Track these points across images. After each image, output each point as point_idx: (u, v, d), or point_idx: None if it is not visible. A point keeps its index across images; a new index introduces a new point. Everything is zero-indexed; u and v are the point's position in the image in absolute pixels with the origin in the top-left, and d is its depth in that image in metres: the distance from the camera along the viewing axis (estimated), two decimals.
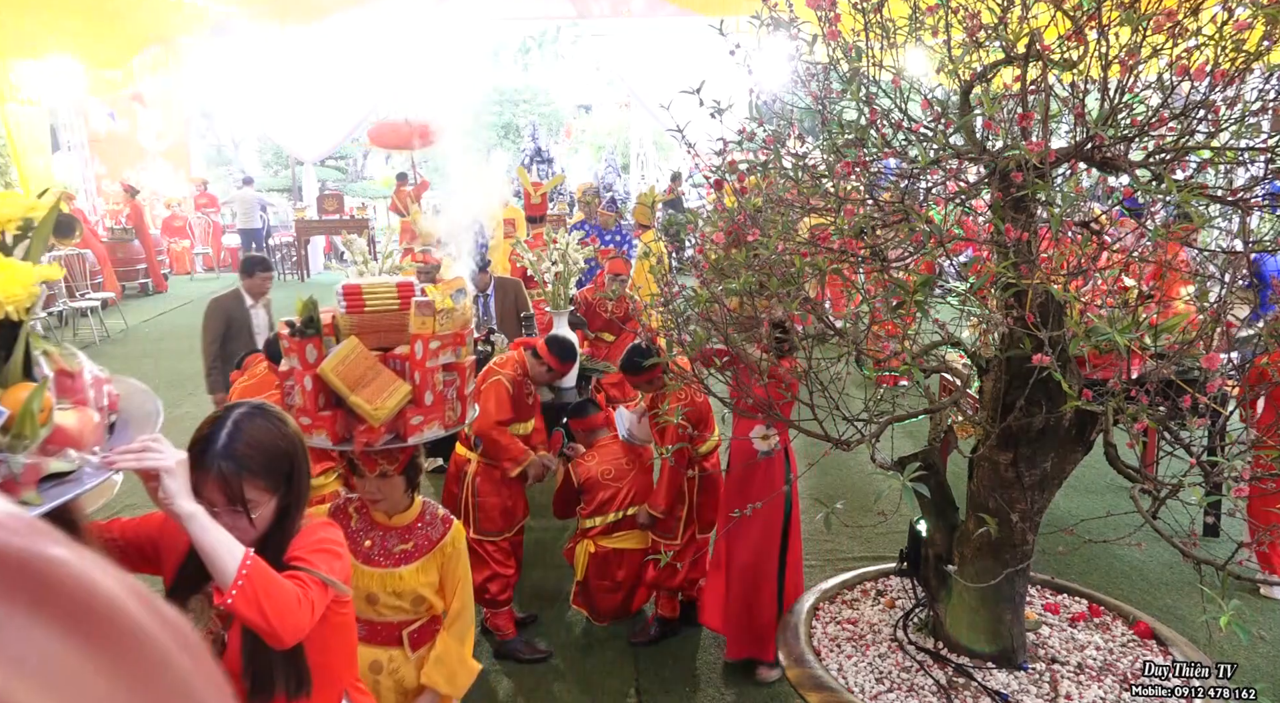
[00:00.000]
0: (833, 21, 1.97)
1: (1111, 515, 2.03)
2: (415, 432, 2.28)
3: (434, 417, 2.31)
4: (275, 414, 1.73)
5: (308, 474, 1.77)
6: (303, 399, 2.26)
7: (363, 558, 2.34)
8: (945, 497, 2.43)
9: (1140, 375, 1.84)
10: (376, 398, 2.20)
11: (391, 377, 2.28)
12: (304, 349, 2.26)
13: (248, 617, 1.46)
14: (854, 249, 2.00)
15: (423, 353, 2.30)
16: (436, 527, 2.43)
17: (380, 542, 2.37)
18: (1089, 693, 2.19)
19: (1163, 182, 1.68)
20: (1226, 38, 1.65)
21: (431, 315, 2.32)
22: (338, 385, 2.19)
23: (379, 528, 2.39)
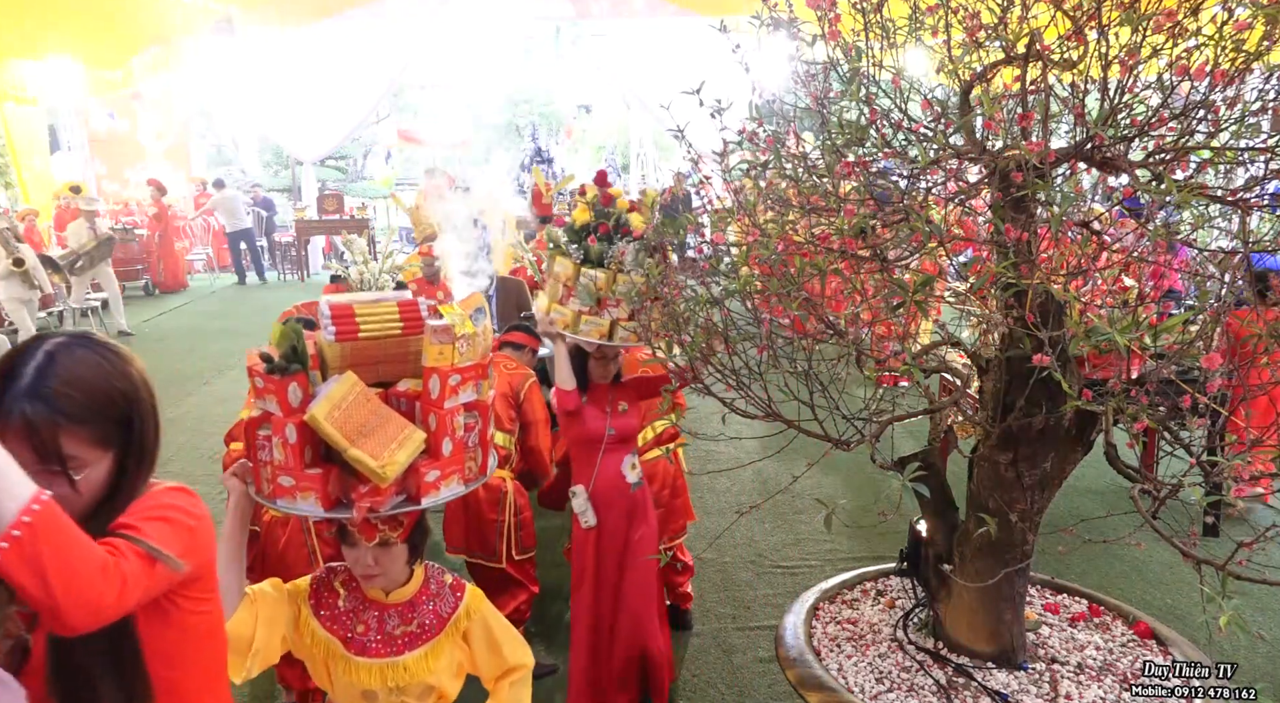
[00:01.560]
0: (833, 21, 1.98)
1: (1111, 515, 2.03)
2: (431, 490, 1.85)
3: (453, 470, 1.90)
4: (108, 347, 1.35)
5: (156, 427, 1.38)
6: (284, 454, 1.81)
7: (356, 648, 1.94)
8: (945, 497, 2.43)
9: (1140, 375, 1.84)
10: (383, 450, 1.78)
11: (401, 422, 1.86)
12: (285, 390, 1.80)
13: (20, 581, 1.06)
14: (854, 249, 2.00)
15: (440, 391, 1.88)
16: (446, 599, 2.03)
17: (377, 625, 1.96)
18: (1089, 693, 2.19)
19: (1163, 182, 1.68)
20: (1226, 38, 1.65)
21: (451, 343, 1.90)
22: (333, 437, 1.75)
23: (374, 608, 1.97)
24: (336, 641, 1.95)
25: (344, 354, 1.91)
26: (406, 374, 2.00)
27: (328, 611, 1.98)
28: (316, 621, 1.96)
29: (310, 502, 1.80)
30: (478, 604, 2.06)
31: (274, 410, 1.82)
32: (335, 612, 1.98)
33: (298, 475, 1.80)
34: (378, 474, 1.75)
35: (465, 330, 1.94)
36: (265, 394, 1.84)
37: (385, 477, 1.75)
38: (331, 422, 1.76)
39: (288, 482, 1.81)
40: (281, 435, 1.81)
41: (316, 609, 1.98)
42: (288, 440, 1.80)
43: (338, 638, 1.95)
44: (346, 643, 1.95)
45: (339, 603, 1.98)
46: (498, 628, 2.07)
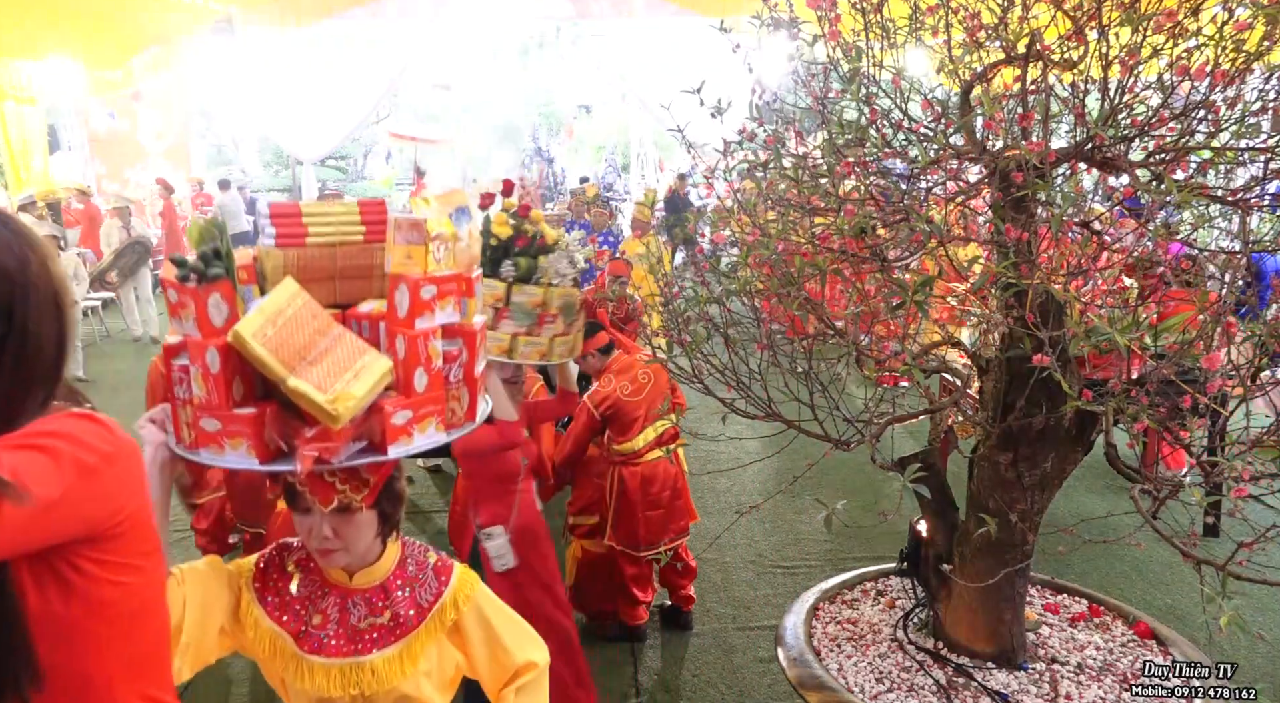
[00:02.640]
0: (833, 21, 1.98)
1: (1111, 516, 2.03)
2: (400, 436, 1.43)
3: (430, 411, 1.47)
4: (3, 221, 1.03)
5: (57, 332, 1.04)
6: (205, 389, 1.38)
7: (311, 644, 1.56)
8: (945, 497, 2.44)
9: (1140, 375, 1.84)
10: (334, 381, 1.36)
11: (358, 346, 1.44)
12: (205, 303, 1.38)
13: None
14: (854, 249, 2.00)
15: (409, 306, 1.46)
16: (427, 583, 1.64)
17: (338, 616, 1.57)
18: (1089, 693, 2.19)
19: (1163, 181, 1.68)
20: (1226, 38, 1.65)
21: (422, 243, 1.48)
22: (265, 362, 1.34)
23: (334, 594, 1.59)
24: (286, 635, 1.57)
25: (287, 266, 1.49)
26: (371, 294, 1.58)
27: (275, 597, 1.59)
28: (261, 609, 1.58)
29: (241, 452, 1.38)
30: (469, 590, 1.66)
31: (192, 332, 1.40)
32: (286, 599, 1.59)
33: (223, 416, 1.37)
34: (327, 413, 1.32)
35: (443, 230, 1.51)
36: (181, 311, 1.42)
37: (337, 416, 1.32)
38: (264, 342, 1.34)
39: (211, 425, 1.39)
40: (201, 364, 1.37)
41: (262, 595, 1.59)
42: (209, 370, 1.36)
43: (288, 632, 1.57)
44: (299, 638, 1.56)
45: (290, 587, 1.59)
46: (499, 619, 1.68)
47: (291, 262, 1.52)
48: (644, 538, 3.76)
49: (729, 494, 5.53)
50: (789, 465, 5.30)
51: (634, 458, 3.76)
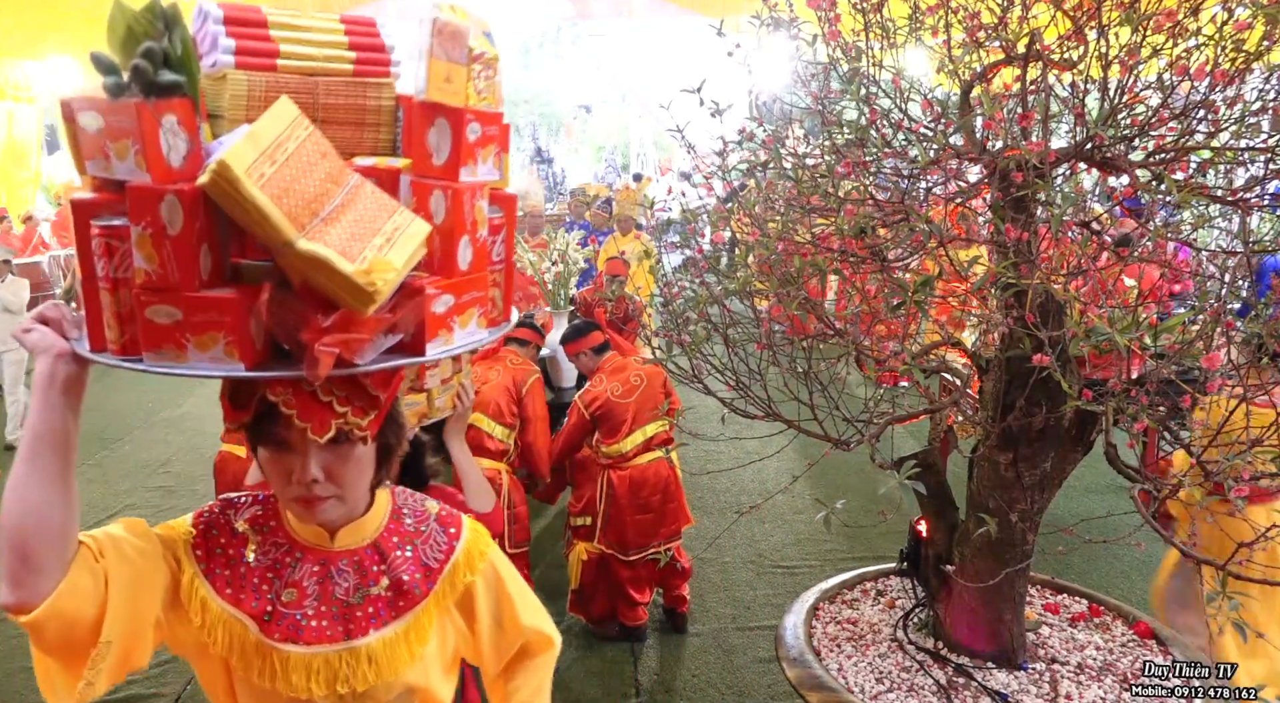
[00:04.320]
0: (833, 21, 1.98)
1: (1111, 516, 2.03)
2: (440, 330, 1.08)
3: (473, 298, 1.13)
4: None
5: None
6: (156, 259, 0.97)
7: (284, 630, 1.19)
8: (945, 497, 2.43)
9: (1140, 375, 1.84)
10: (359, 245, 0.98)
11: (383, 201, 1.06)
12: (156, 126, 0.95)
13: None
14: (854, 249, 2.00)
15: (452, 149, 1.09)
16: (433, 536, 1.30)
17: (317, 588, 1.21)
18: (1089, 693, 2.19)
19: (1163, 181, 1.68)
20: (1226, 38, 1.65)
21: (464, 63, 1.10)
22: (267, 214, 0.94)
23: (309, 560, 1.22)
24: (246, 619, 1.18)
25: (253, 97, 1.08)
26: (363, 148, 1.21)
27: (226, 569, 1.19)
28: (209, 586, 1.18)
29: (216, 352, 0.97)
30: (483, 545, 1.34)
31: (133, 174, 0.97)
32: (241, 570, 1.20)
33: (188, 302, 0.96)
34: (357, 291, 0.95)
35: (484, 49, 1.14)
36: (109, 144, 0.98)
37: (373, 294, 0.95)
38: (261, 185, 0.93)
39: (166, 315, 0.97)
40: (151, 222, 0.95)
41: (208, 568, 1.19)
42: (164, 231, 0.94)
43: (249, 615, 1.18)
44: (265, 622, 1.18)
45: (246, 554, 1.20)
46: (513, 584, 1.37)
47: (258, 92, 1.07)
48: (632, 541, 3.76)
49: (729, 494, 5.53)
50: (788, 466, 5.29)
51: (622, 461, 3.76)
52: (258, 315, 0.98)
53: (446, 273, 1.11)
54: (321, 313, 0.97)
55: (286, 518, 1.26)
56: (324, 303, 0.98)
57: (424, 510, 1.34)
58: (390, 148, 1.25)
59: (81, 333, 1.10)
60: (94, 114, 1.00)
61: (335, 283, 0.96)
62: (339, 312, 0.97)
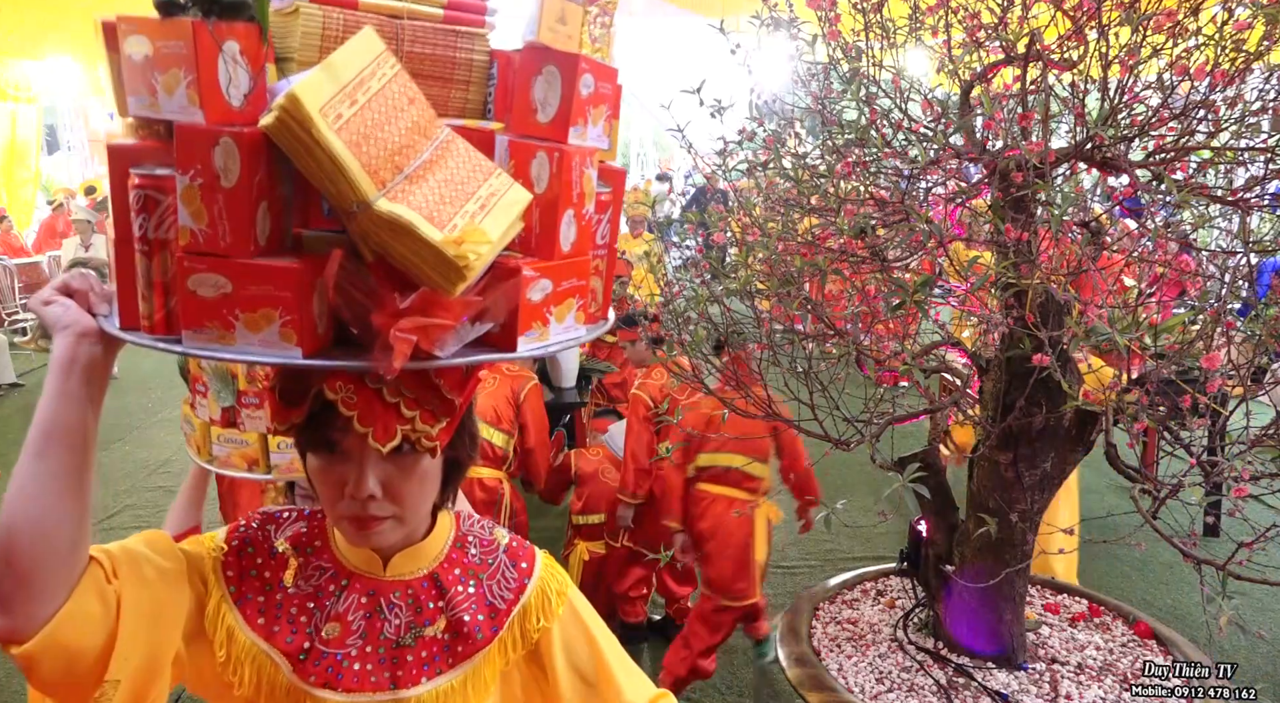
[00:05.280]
0: (833, 21, 1.98)
1: (1111, 516, 2.03)
2: (534, 321, 0.90)
3: (573, 287, 0.95)
4: None
5: None
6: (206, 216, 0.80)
7: (321, 672, 1.01)
8: (945, 497, 2.43)
9: (1140, 375, 1.85)
10: (450, 211, 0.83)
11: (478, 161, 0.89)
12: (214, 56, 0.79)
13: None
14: (854, 249, 2.01)
15: (561, 104, 0.93)
16: (501, 571, 1.11)
17: (363, 625, 1.03)
18: (1089, 693, 2.19)
19: (1163, 181, 1.68)
20: (1226, 38, 1.65)
21: (581, 2, 0.97)
22: (342, 164, 0.78)
23: (356, 589, 1.04)
24: (279, 656, 1.01)
25: (327, 37, 0.90)
26: (450, 109, 1.01)
27: (261, 595, 1.02)
28: (238, 615, 1.01)
29: (270, 333, 0.80)
30: (561, 584, 1.14)
31: (181, 112, 0.80)
32: (277, 598, 1.02)
33: (241, 271, 0.80)
34: (446, 265, 0.78)
35: None
36: (154, 75, 0.82)
37: (464, 269, 0.78)
38: (337, 128, 0.78)
39: (212, 286, 0.80)
40: (202, 170, 0.78)
41: (239, 592, 1.02)
42: (218, 182, 0.78)
43: (282, 651, 1.01)
44: (299, 662, 1.01)
45: (284, 581, 1.03)
46: (603, 635, 1.15)
47: (334, 30, 0.89)
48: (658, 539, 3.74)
49: None
50: None
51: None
52: (323, 292, 0.80)
53: (545, 253, 0.90)
54: (398, 292, 0.80)
55: (334, 538, 1.07)
56: (401, 281, 0.81)
57: (492, 540, 1.14)
58: (480, 110, 1.04)
59: (111, 309, 0.91)
60: (142, 38, 0.82)
61: (418, 254, 0.79)
62: (419, 292, 0.80)
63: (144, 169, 0.84)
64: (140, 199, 0.84)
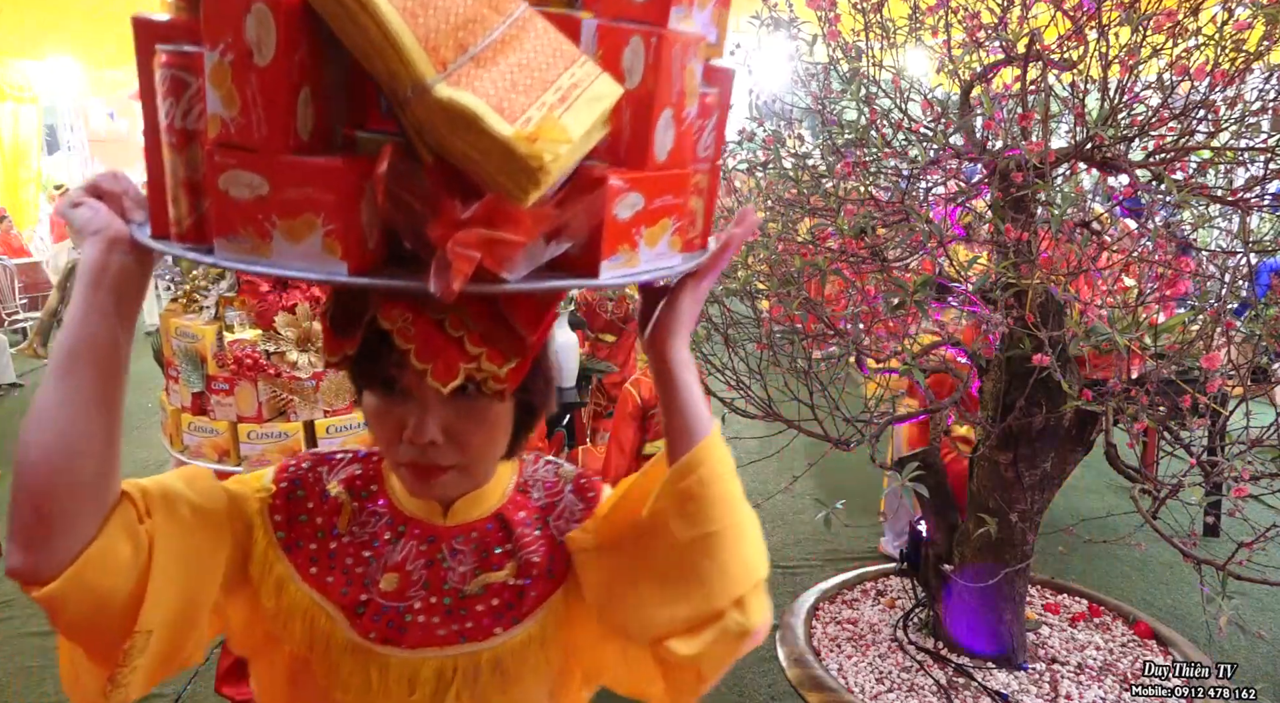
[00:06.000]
0: (833, 21, 1.98)
1: (1111, 516, 2.03)
2: (620, 244, 0.73)
3: (669, 205, 0.77)
4: None
5: None
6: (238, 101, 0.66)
7: (383, 627, 0.91)
8: (945, 497, 2.44)
9: (1140, 375, 1.84)
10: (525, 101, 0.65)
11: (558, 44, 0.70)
12: None
13: None
14: (854, 249, 2.01)
15: None
16: (565, 508, 1.00)
17: (424, 573, 0.93)
18: (1089, 693, 2.19)
19: (1163, 181, 1.68)
20: (1226, 38, 1.65)
21: None
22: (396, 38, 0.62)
23: (413, 535, 0.94)
24: (334, 609, 0.92)
25: None
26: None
27: (312, 542, 0.93)
28: (289, 562, 0.92)
29: (311, 244, 0.68)
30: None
31: None
32: (331, 546, 0.93)
33: (277, 170, 0.68)
34: (517, 162, 0.64)
35: None
36: None
37: (538, 172, 0.64)
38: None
39: (246, 186, 0.69)
40: (231, 45, 0.67)
41: (289, 538, 0.93)
42: (250, 59, 0.67)
43: (336, 603, 0.92)
44: (356, 615, 0.91)
45: (337, 528, 0.94)
46: None
47: None
48: None
49: None
50: (788, 465, 5.29)
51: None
52: (372, 197, 0.67)
53: (637, 162, 0.74)
54: (460, 199, 0.65)
55: (390, 482, 0.97)
56: (466, 188, 0.66)
57: (557, 479, 1.03)
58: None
59: (146, 217, 0.80)
60: None
61: (483, 153, 0.64)
62: (484, 199, 0.65)
63: (172, 46, 0.73)
64: (167, 80, 0.72)
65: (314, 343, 1.93)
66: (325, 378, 1.91)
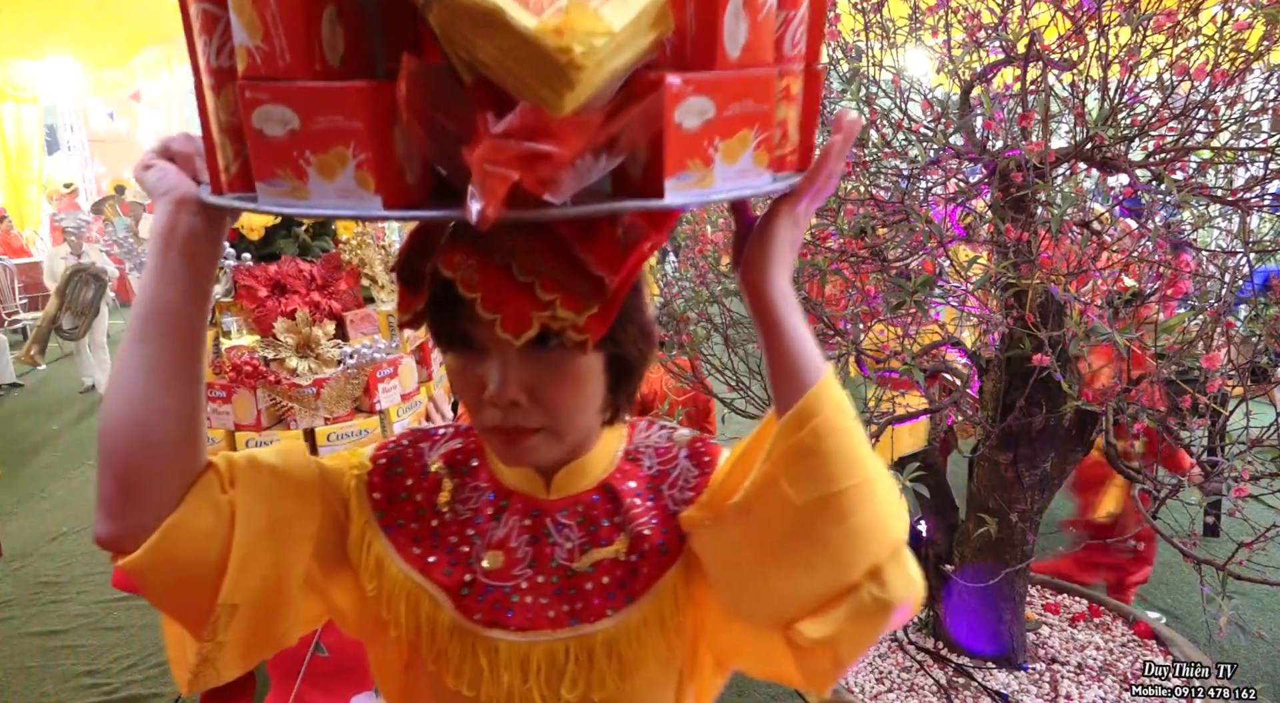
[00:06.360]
0: (833, 21, 1.98)
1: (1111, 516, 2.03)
2: (689, 160, 0.61)
3: (748, 113, 0.64)
4: None
5: None
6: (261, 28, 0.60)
7: (488, 608, 0.86)
8: (945, 497, 2.44)
9: (1140, 375, 1.85)
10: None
11: None
12: None
13: None
14: (854, 249, 2.01)
15: None
16: (680, 476, 0.90)
17: (529, 551, 0.87)
18: (1089, 693, 2.19)
19: (1163, 181, 1.68)
20: (1226, 38, 1.65)
21: None
22: None
23: (516, 510, 0.88)
24: (437, 590, 0.86)
25: None
26: None
27: (413, 521, 0.89)
28: (386, 541, 0.88)
29: (344, 179, 0.61)
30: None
31: None
32: (433, 523, 0.88)
33: (303, 99, 0.61)
34: (543, 60, 0.54)
35: None
36: None
37: (571, 63, 0.54)
38: None
39: (278, 122, 0.62)
40: None
41: (388, 516, 0.89)
42: None
43: (439, 584, 0.86)
44: (460, 596, 0.86)
45: (438, 502, 0.89)
46: None
47: None
48: None
49: None
50: None
51: None
52: (403, 123, 0.60)
53: (705, 61, 0.62)
54: (493, 116, 0.57)
55: (492, 455, 0.91)
56: (508, 107, 0.57)
57: (670, 446, 0.92)
58: None
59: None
60: None
61: (512, 55, 0.56)
62: (518, 108, 0.56)
63: None
64: (200, 15, 0.67)
65: (313, 349, 1.92)
66: (326, 385, 1.89)
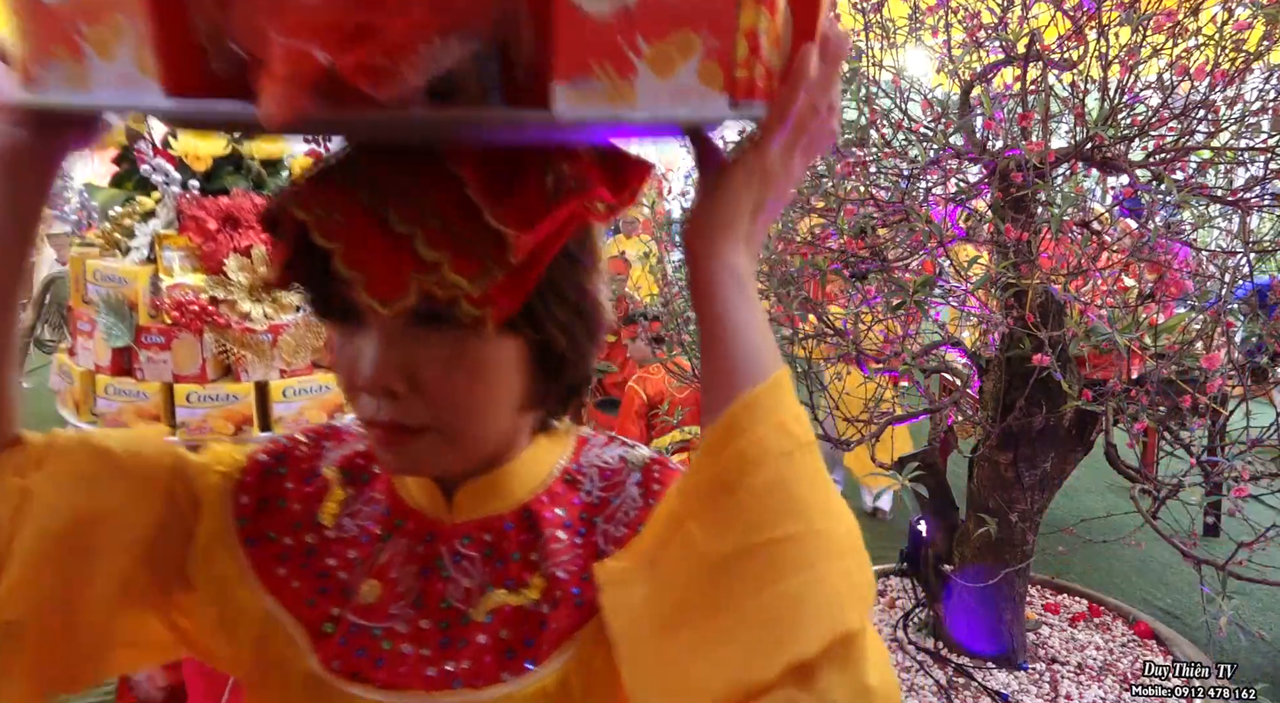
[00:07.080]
0: None
1: (1111, 516, 2.03)
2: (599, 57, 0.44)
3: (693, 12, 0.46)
4: None
5: None
6: None
7: (350, 655, 0.64)
8: (945, 497, 2.44)
9: (1140, 375, 1.85)
10: None
11: None
12: None
13: None
14: (854, 249, 2.01)
15: None
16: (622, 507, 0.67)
17: (416, 584, 0.65)
18: (1089, 693, 2.19)
19: (1163, 181, 1.68)
20: (1226, 38, 1.65)
21: None
22: None
23: (409, 531, 0.67)
24: (294, 623, 0.66)
25: None
26: None
27: (286, 535, 0.69)
28: (243, 557, 0.68)
29: (123, 61, 0.45)
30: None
31: None
32: (306, 539, 0.68)
33: None
34: None
35: None
36: None
37: None
38: None
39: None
40: None
41: (255, 527, 0.69)
42: None
43: (296, 614, 0.66)
44: (319, 636, 0.66)
45: (319, 517, 0.69)
46: None
47: None
48: None
49: None
50: None
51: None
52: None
53: None
54: None
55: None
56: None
57: (619, 468, 0.71)
58: None
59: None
60: None
61: None
62: None
63: None
64: None
65: (270, 293, 1.63)
66: (283, 332, 1.56)
